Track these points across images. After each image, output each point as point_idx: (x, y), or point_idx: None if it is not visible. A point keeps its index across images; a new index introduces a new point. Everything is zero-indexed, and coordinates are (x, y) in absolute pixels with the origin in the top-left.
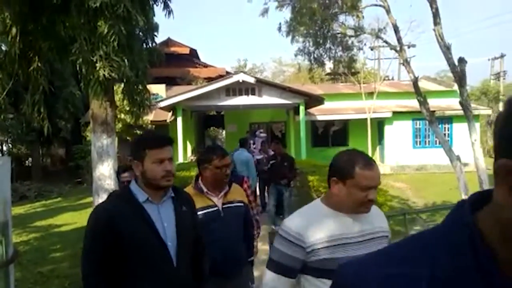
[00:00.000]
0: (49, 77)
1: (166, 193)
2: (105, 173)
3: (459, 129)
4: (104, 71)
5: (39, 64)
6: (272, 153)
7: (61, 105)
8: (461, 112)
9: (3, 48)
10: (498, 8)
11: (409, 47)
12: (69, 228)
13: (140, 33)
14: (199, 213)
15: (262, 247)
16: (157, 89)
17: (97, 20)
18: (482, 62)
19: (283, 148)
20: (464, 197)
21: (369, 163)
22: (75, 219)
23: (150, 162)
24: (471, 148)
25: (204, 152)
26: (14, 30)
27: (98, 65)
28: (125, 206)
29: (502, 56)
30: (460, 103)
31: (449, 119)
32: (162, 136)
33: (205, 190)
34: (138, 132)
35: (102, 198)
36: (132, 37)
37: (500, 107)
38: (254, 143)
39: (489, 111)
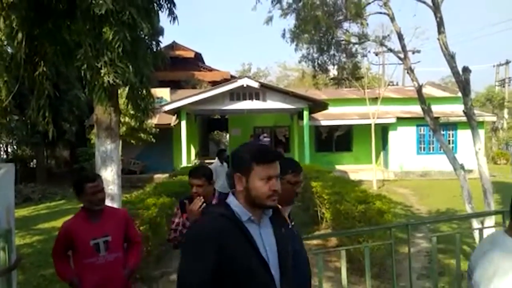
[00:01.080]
0: (55, 80)
1: (265, 212)
2: (108, 178)
3: (464, 136)
4: (109, 77)
5: (45, 69)
6: None
7: (66, 108)
8: (466, 118)
9: (9, 51)
10: (504, 14)
11: (413, 53)
12: None
13: (145, 37)
14: None
15: None
16: (162, 92)
17: (102, 26)
18: (487, 69)
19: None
20: (467, 205)
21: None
22: None
23: (257, 179)
24: (475, 156)
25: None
26: (20, 35)
27: (102, 71)
28: (229, 225)
29: (507, 62)
30: (464, 112)
31: (454, 126)
32: (271, 150)
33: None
34: (142, 135)
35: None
36: (136, 43)
37: (505, 113)
38: None
39: (494, 118)
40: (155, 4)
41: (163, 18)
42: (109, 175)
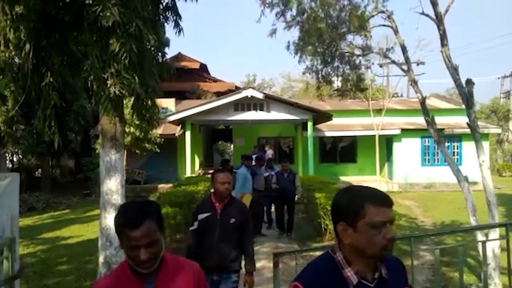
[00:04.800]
0: (61, 90)
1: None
2: (112, 188)
3: (469, 147)
4: (115, 88)
5: (51, 79)
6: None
7: (72, 118)
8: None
9: (17, 61)
10: (509, 26)
11: (418, 65)
12: (76, 240)
13: (152, 49)
14: None
15: (267, 264)
16: (167, 103)
17: (109, 38)
18: (492, 81)
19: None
20: (472, 218)
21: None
22: (82, 232)
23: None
24: (479, 169)
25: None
26: (28, 46)
27: (109, 82)
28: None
29: None
30: (468, 124)
31: (458, 137)
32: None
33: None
34: (147, 145)
35: (109, 212)
36: (143, 54)
37: (510, 125)
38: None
39: (499, 130)
40: (161, 16)
41: (169, 29)
42: (113, 185)
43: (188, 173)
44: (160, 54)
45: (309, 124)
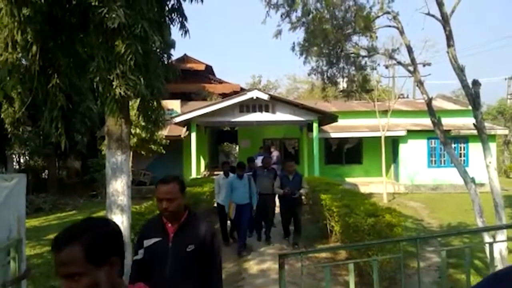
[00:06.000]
0: (68, 92)
1: None
2: (118, 189)
3: (476, 149)
4: (121, 89)
5: (58, 81)
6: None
7: (78, 119)
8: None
9: (24, 62)
10: None
11: (424, 66)
12: None
13: (157, 50)
14: None
15: (273, 266)
16: (172, 104)
17: (115, 39)
18: (499, 82)
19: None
20: (479, 219)
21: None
22: None
23: None
24: (486, 170)
25: None
26: (34, 47)
27: (114, 83)
28: None
29: None
30: (475, 125)
31: (465, 139)
32: None
33: None
34: (153, 146)
35: (115, 214)
36: (148, 56)
37: None
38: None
39: (506, 131)
40: (167, 18)
41: (175, 31)
42: (119, 186)
43: (194, 175)
44: (165, 55)
45: (315, 125)
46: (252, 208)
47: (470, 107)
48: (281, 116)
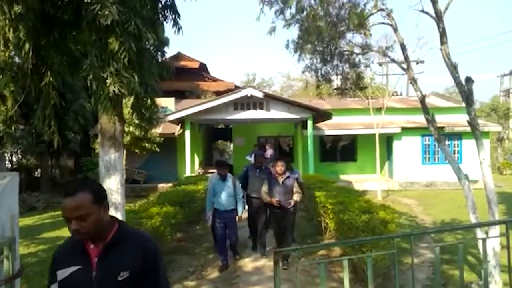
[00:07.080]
0: (61, 90)
1: None
2: (112, 187)
3: (469, 146)
4: (114, 87)
5: (51, 79)
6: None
7: (71, 117)
8: (470, 128)
9: (16, 60)
10: (508, 24)
11: (417, 63)
12: None
13: (151, 48)
14: None
15: (268, 263)
16: (166, 102)
17: (108, 37)
18: (492, 79)
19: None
20: (472, 216)
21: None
22: None
23: None
24: (480, 166)
25: None
26: (27, 45)
27: (108, 81)
28: None
29: (511, 73)
30: (468, 122)
31: (459, 136)
32: None
33: None
34: (147, 145)
35: (108, 212)
36: (142, 53)
37: (511, 124)
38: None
39: (499, 128)
40: (160, 15)
41: (168, 28)
42: (113, 184)
43: (188, 173)
44: (159, 53)
45: (309, 123)
46: (237, 215)
47: (463, 104)
48: (275, 113)
